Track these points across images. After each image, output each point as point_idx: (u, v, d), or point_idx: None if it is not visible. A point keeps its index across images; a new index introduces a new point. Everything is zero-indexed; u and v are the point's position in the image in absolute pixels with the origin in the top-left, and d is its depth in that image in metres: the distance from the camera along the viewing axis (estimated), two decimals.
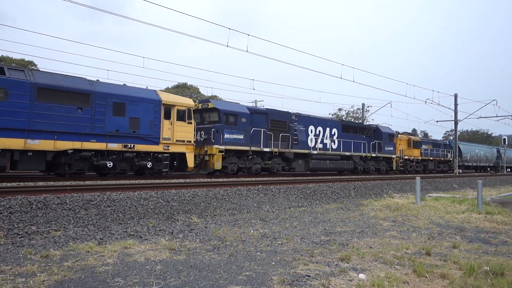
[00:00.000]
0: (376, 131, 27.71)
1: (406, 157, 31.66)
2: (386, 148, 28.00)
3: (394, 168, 29.35)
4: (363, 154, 25.71)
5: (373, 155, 26.70)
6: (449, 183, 24.24)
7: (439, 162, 37.28)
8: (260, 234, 7.39)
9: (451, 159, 37.85)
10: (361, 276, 4.74)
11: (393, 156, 28.93)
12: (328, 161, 23.03)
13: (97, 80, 14.72)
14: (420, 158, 33.82)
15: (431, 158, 35.60)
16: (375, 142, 27.01)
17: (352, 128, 25.81)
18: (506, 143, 44.04)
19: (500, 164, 49.11)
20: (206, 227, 8.15)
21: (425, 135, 57.72)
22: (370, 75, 63.47)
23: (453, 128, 37.88)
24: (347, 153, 24.41)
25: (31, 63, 41.45)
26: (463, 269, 5.12)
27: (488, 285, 4.45)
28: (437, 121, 59.41)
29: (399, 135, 31.93)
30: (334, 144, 23.68)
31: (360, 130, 26.25)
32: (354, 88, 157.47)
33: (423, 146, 34.98)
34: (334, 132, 23.80)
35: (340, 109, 66.08)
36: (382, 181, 19.87)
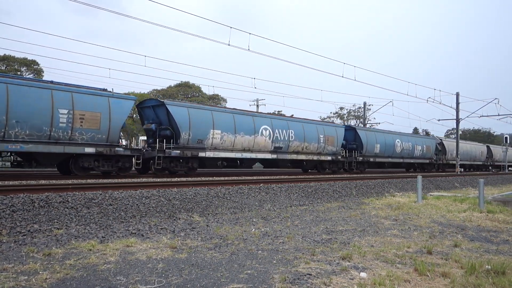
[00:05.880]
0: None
1: None
2: None
3: None
4: None
5: None
6: (450, 182, 24.22)
7: None
8: (261, 232, 7.41)
9: None
10: (363, 274, 4.75)
11: None
12: None
13: None
14: None
15: None
16: None
17: None
18: (508, 142, 43.90)
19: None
20: (207, 225, 8.16)
21: (427, 133, 57.48)
22: (372, 74, 63.38)
23: (455, 126, 37.85)
24: None
25: (34, 62, 41.49)
26: (464, 267, 5.11)
27: (490, 284, 4.45)
28: (439, 120, 59.17)
29: None
30: None
31: None
32: (356, 86, 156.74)
33: None
34: None
35: (341, 108, 66.01)
36: (383, 179, 19.88)
